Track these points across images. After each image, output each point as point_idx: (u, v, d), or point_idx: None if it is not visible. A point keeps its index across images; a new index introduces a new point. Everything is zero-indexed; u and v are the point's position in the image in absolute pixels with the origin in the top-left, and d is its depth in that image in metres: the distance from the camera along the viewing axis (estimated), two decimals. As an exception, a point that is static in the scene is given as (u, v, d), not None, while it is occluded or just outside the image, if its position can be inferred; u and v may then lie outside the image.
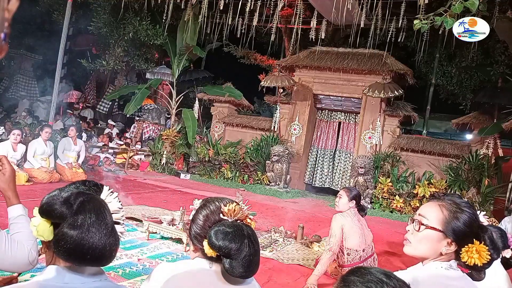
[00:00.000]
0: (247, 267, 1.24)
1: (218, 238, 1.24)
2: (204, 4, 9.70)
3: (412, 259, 1.45)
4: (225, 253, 1.24)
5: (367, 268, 0.96)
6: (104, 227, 1.07)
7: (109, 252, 1.09)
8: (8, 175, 1.62)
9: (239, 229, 1.28)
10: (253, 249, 1.26)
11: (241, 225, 1.31)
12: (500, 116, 9.07)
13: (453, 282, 1.33)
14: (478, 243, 1.33)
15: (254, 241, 1.29)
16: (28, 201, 5.42)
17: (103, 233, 1.06)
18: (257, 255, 1.28)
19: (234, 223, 1.31)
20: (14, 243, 1.47)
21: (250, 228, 1.33)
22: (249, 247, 1.25)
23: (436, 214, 1.39)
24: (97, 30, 13.04)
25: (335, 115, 11.12)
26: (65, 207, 1.04)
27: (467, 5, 4.49)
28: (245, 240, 1.26)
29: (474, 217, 1.37)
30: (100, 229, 1.06)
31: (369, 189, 8.77)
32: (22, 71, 16.26)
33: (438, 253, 1.38)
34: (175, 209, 5.38)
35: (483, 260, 1.31)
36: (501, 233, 2.52)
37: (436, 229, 1.38)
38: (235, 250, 1.23)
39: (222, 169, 10.59)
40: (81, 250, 1.03)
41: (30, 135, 8.48)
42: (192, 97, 13.20)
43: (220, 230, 1.26)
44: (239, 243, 1.24)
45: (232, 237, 1.24)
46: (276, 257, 4.40)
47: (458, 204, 1.40)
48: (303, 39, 11.70)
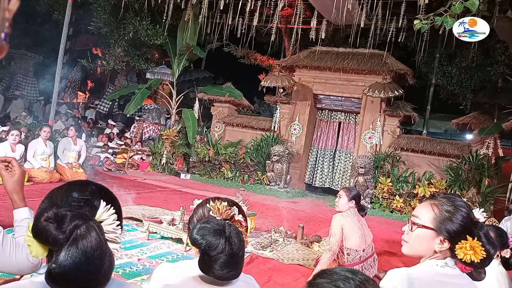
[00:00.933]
0: (221, 267, 1.22)
1: (194, 232, 1.24)
2: (204, 4, 9.69)
3: (412, 259, 1.46)
4: (201, 249, 1.23)
5: (331, 269, 0.96)
6: (99, 261, 0.97)
7: (103, 277, 1.00)
8: (17, 177, 1.62)
9: (220, 227, 1.26)
10: (229, 250, 1.22)
11: (224, 224, 1.28)
12: (500, 116, 9.07)
13: (449, 279, 1.33)
14: (472, 239, 1.33)
15: (233, 242, 1.24)
16: (28, 201, 5.42)
17: (97, 264, 0.97)
18: (234, 257, 1.24)
19: (218, 221, 1.29)
20: (18, 247, 1.47)
21: (235, 229, 1.29)
22: (225, 246, 1.22)
23: (427, 213, 1.43)
24: (97, 30, 13.05)
25: (335, 115, 11.12)
26: (59, 234, 0.94)
27: (467, 5, 4.49)
28: (221, 239, 1.22)
29: (466, 213, 1.38)
30: (94, 262, 0.96)
31: (369, 189, 8.77)
32: (22, 71, 16.27)
33: (432, 251, 1.40)
34: (175, 209, 5.38)
35: (479, 256, 1.31)
36: (500, 233, 2.51)
37: (427, 227, 1.40)
38: (206, 246, 1.21)
39: (222, 169, 10.59)
40: (75, 277, 0.94)
41: (30, 135, 8.47)
42: (192, 97, 13.21)
43: (200, 225, 1.26)
44: (213, 239, 1.22)
45: (207, 233, 1.22)
46: (276, 257, 4.40)
47: (450, 202, 1.41)
48: (303, 39, 11.70)
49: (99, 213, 1.05)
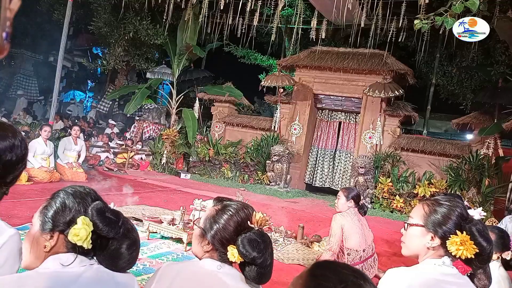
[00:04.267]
0: (269, 274, 1.33)
1: (250, 248, 1.28)
2: (204, 4, 9.69)
3: (412, 259, 1.46)
4: (252, 261, 1.29)
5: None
6: (139, 247, 1.27)
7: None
8: None
9: (266, 239, 1.33)
10: (270, 261, 1.33)
11: (266, 235, 1.36)
12: (501, 116, 9.07)
13: (446, 278, 1.34)
14: (461, 234, 1.34)
15: (272, 249, 1.36)
16: (28, 201, 5.42)
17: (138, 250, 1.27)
18: (271, 265, 1.35)
19: (261, 232, 1.35)
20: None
21: (268, 236, 1.39)
22: (270, 256, 1.33)
23: (418, 211, 1.47)
24: (97, 29, 13.05)
25: (336, 115, 11.11)
26: (116, 227, 1.18)
27: (468, 5, 4.50)
28: (268, 249, 1.32)
29: (454, 209, 1.40)
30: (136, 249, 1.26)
31: (369, 189, 8.77)
32: (23, 70, 16.27)
33: (425, 248, 1.42)
34: (175, 208, 5.37)
35: (471, 251, 1.31)
36: (502, 235, 2.49)
37: (417, 225, 1.44)
38: (262, 259, 1.29)
39: (222, 169, 10.59)
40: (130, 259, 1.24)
41: (30, 136, 8.47)
42: (192, 97, 13.21)
43: (252, 239, 1.30)
44: (266, 253, 1.30)
45: (262, 248, 1.30)
46: (276, 257, 4.39)
47: (440, 200, 1.45)
48: (304, 39, 11.70)
49: None
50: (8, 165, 1.26)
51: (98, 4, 12.73)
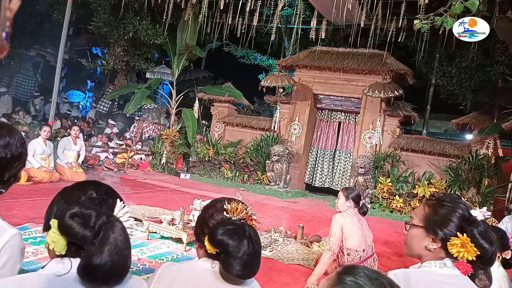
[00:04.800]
0: (244, 266, 1.23)
1: (217, 233, 1.24)
2: (204, 3, 9.69)
3: (412, 259, 1.46)
4: (223, 250, 1.24)
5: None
6: (126, 251, 1.07)
7: (128, 268, 1.11)
8: None
9: (240, 227, 1.28)
10: (252, 249, 1.25)
11: (243, 224, 1.30)
12: (500, 116, 9.06)
13: (447, 279, 1.33)
14: (462, 236, 1.32)
15: (255, 242, 1.28)
16: (28, 200, 5.42)
17: (125, 256, 1.07)
18: (256, 256, 1.27)
19: (236, 221, 1.31)
20: None
21: (253, 229, 1.32)
22: (248, 246, 1.24)
23: (419, 212, 1.45)
24: (97, 29, 13.04)
25: (335, 115, 11.11)
26: (87, 231, 1.02)
27: (467, 5, 4.50)
28: (244, 239, 1.25)
29: (455, 210, 1.37)
30: (120, 253, 1.05)
31: (369, 189, 8.77)
32: (22, 70, 16.25)
33: (427, 250, 1.41)
34: (175, 208, 5.37)
35: (472, 253, 1.30)
36: (501, 234, 2.50)
37: (418, 226, 1.42)
38: (233, 247, 1.23)
39: (222, 169, 10.59)
40: (110, 270, 1.03)
41: (30, 135, 8.46)
42: (192, 97, 13.20)
43: (221, 226, 1.27)
44: (237, 240, 1.23)
45: (231, 234, 1.24)
46: (276, 257, 4.40)
47: (441, 201, 1.42)
48: (303, 39, 11.70)
49: (116, 211, 1.14)
50: (2, 162, 1.27)
51: (98, 4, 12.71)
